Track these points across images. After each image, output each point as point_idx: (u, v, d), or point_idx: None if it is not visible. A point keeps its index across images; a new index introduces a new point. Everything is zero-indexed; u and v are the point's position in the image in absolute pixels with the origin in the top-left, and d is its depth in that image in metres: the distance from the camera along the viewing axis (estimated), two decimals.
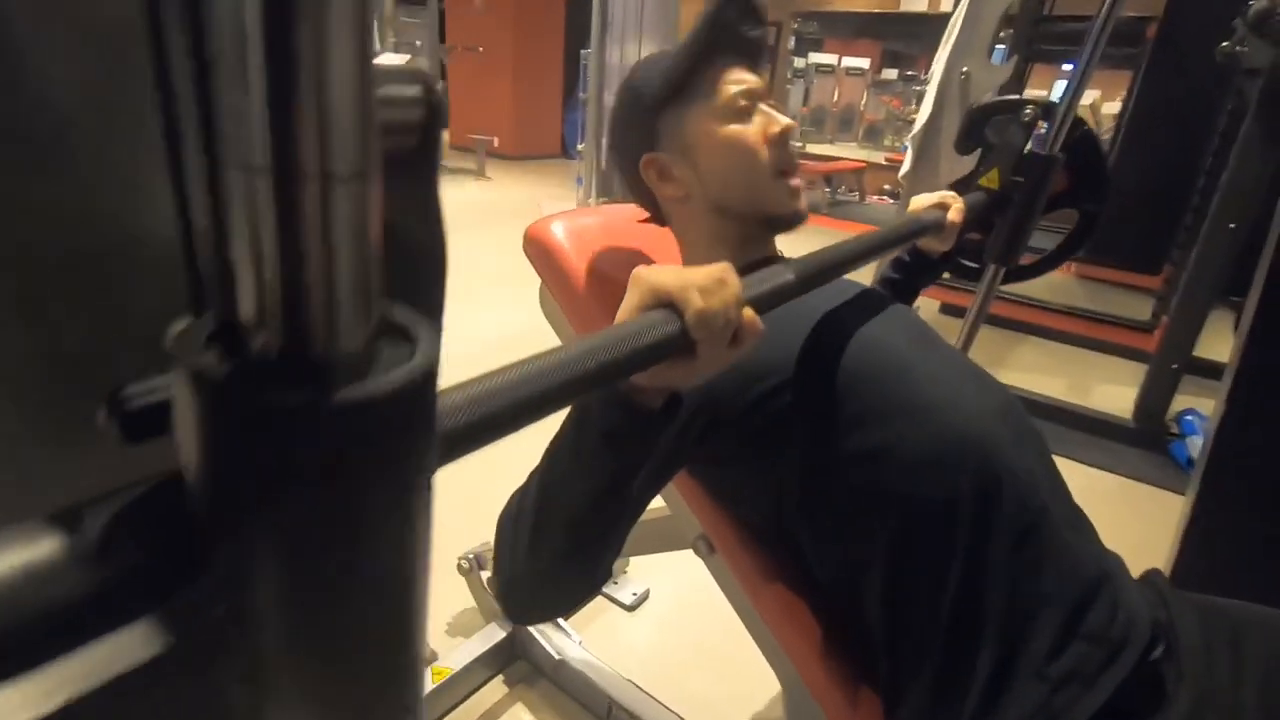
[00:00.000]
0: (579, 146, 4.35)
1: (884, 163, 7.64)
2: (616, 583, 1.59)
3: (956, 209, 0.90)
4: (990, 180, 1.02)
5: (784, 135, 0.75)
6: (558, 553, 0.58)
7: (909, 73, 9.36)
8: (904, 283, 1.02)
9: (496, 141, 8.07)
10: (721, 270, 0.48)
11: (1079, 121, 1.05)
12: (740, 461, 0.73)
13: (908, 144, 1.66)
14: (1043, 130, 1.03)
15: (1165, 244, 3.97)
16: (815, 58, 7.91)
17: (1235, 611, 0.74)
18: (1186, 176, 3.77)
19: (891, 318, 0.76)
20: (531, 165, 8.12)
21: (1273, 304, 1.18)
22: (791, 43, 8.84)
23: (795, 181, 0.77)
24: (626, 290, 0.49)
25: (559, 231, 0.91)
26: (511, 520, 0.59)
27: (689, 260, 0.84)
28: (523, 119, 8.37)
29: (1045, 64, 7.36)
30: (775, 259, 0.84)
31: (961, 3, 1.26)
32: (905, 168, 1.65)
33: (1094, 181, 1.09)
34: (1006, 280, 1.16)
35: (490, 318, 2.78)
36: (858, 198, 7.60)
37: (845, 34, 8.56)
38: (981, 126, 1.06)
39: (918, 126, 1.41)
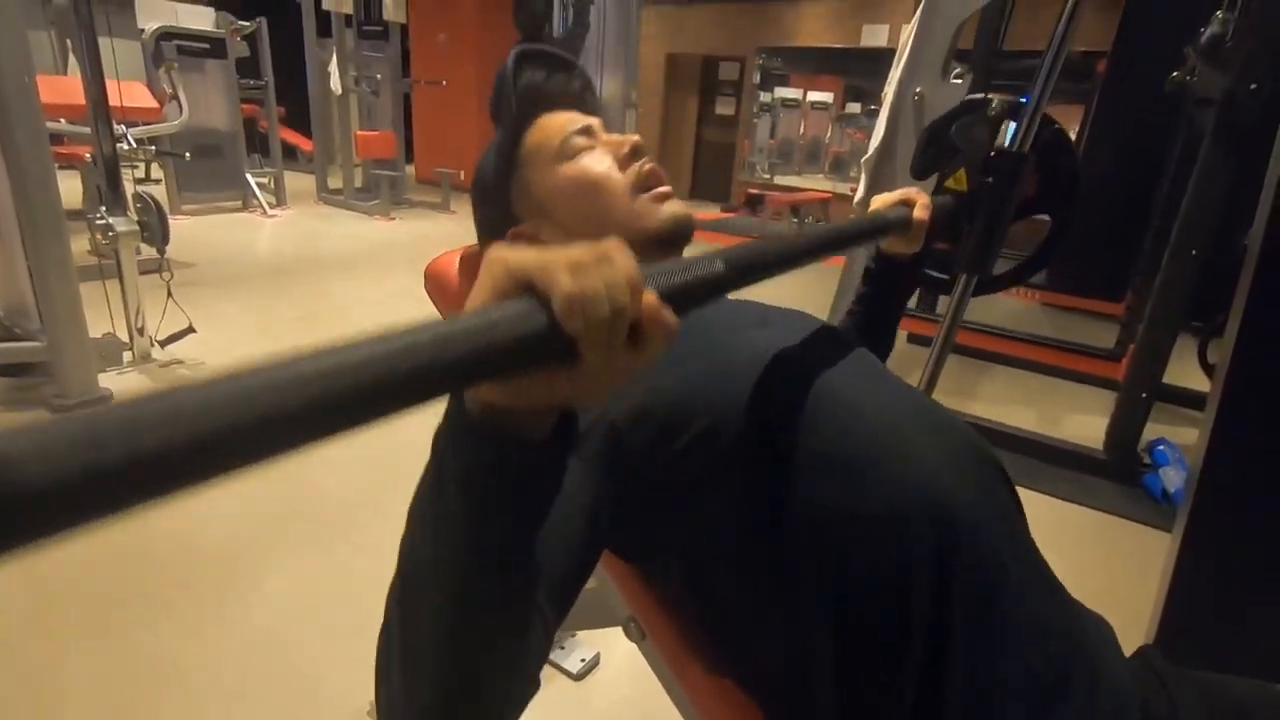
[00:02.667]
0: None
1: (849, 193, 7.68)
2: (563, 648, 1.45)
3: (923, 204, 0.83)
4: (958, 182, 0.95)
5: (632, 153, 0.71)
6: (453, 656, 0.40)
7: (872, 106, 9.55)
8: (876, 295, 0.93)
9: (462, 175, 8.00)
10: (605, 245, 0.35)
11: (1048, 119, 0.98)
12: (667, 520, 0.61)
13: (862, 167, 1.60)
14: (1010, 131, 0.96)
15: (1126, 271, 4.01)
16: (781, 92, 8.04)
17: (1240, 692, 0.65)
18: (1142, 205, 3.82)
19: (844, 357, 0.66)
20: None
21: (1252, 338, 1.12)
22: (757, 77, 8.99)
23: (663, 188, 0.71)
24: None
25: (462, 268, 0.80)
26: (384, 644, 0.43)
27: None
28: None
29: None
30: None
31: (913, 22, 1.20)
32: (860, 193, 1.58)
33: (1066, 184, 1.02)
34: (979, 291, 1.08)
35: None
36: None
37: (809, 69, 8.72)
38: (944, 135, 0.99)
39: (871, 150, 1.34)
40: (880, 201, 0.85)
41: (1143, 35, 4.40)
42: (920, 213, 0.82)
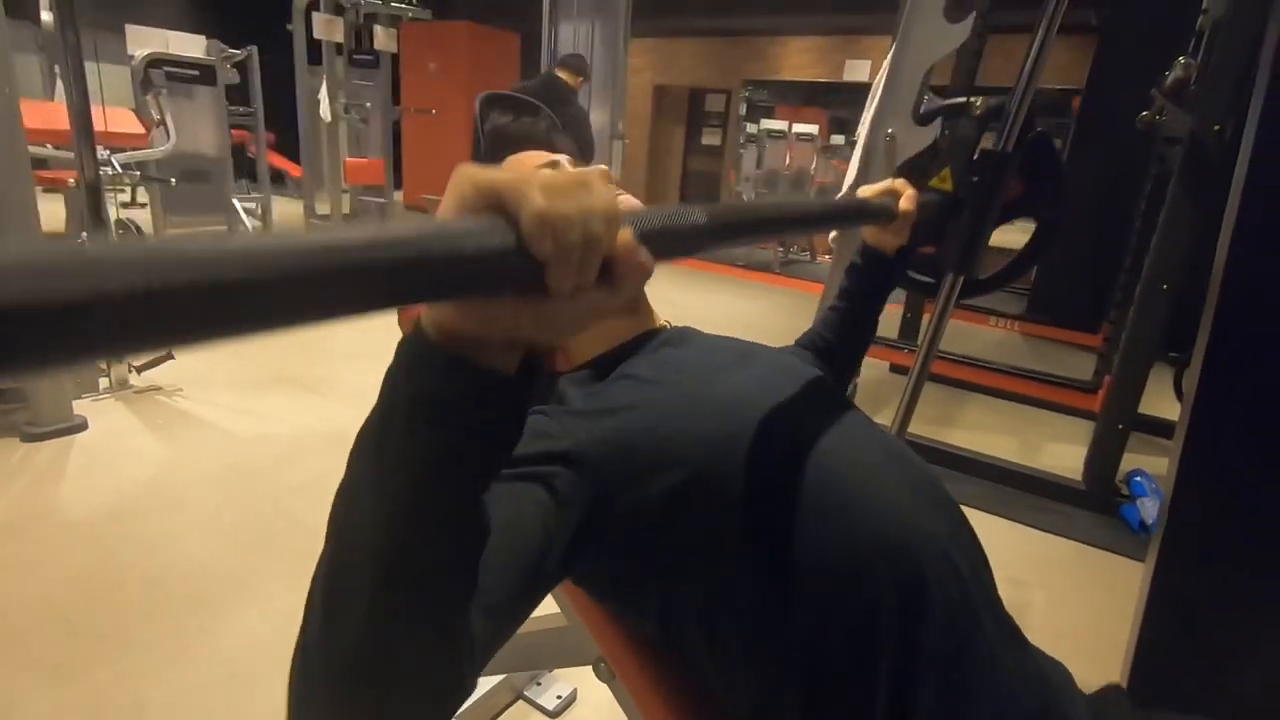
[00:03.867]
0: None
1: None
2: (540, 684, 1.43)
3: (909, 196, 0.83)
4: (943, 180, 0.95)
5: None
6: (374, 615, 0.37)
7: (854, 138, 9.72)
8: (861, 289, 0.93)
9: None
10: (585, 172, 0.34)
11: (1032, 122, 0.99)
12: (635, 556, 0.61)
13: None
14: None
15: (1102, 303, 4.07)
16: (767, 124, 8.19)
17: None
18: (1117, 237, 3.90)
19: (818, 401, 0.66)
20: None
21: (1216, 368, 1.14)
22: (743, 109, 9.14)
23: None
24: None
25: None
26: (316, 582, 0.41)
27: (565, 353, 0.75)
28: None
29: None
30: (657, 331, 0.75)
31: (884, 64, 1.24)
32: (833, 234, 1.60)
33: (1050, 186, 1.03)
34: (964, 294, 1.08)
35: None
36: (809, 257, 7.74)
37: (794, 101, 8.89)
38: (932, 120, 1.00)
39: (845, 189, 1.37)
40: (867, 191, 0.85)
41: (1115, 74, 4.55)
42: (906, 204, 0.82)
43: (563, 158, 0.75)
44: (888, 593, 0.54)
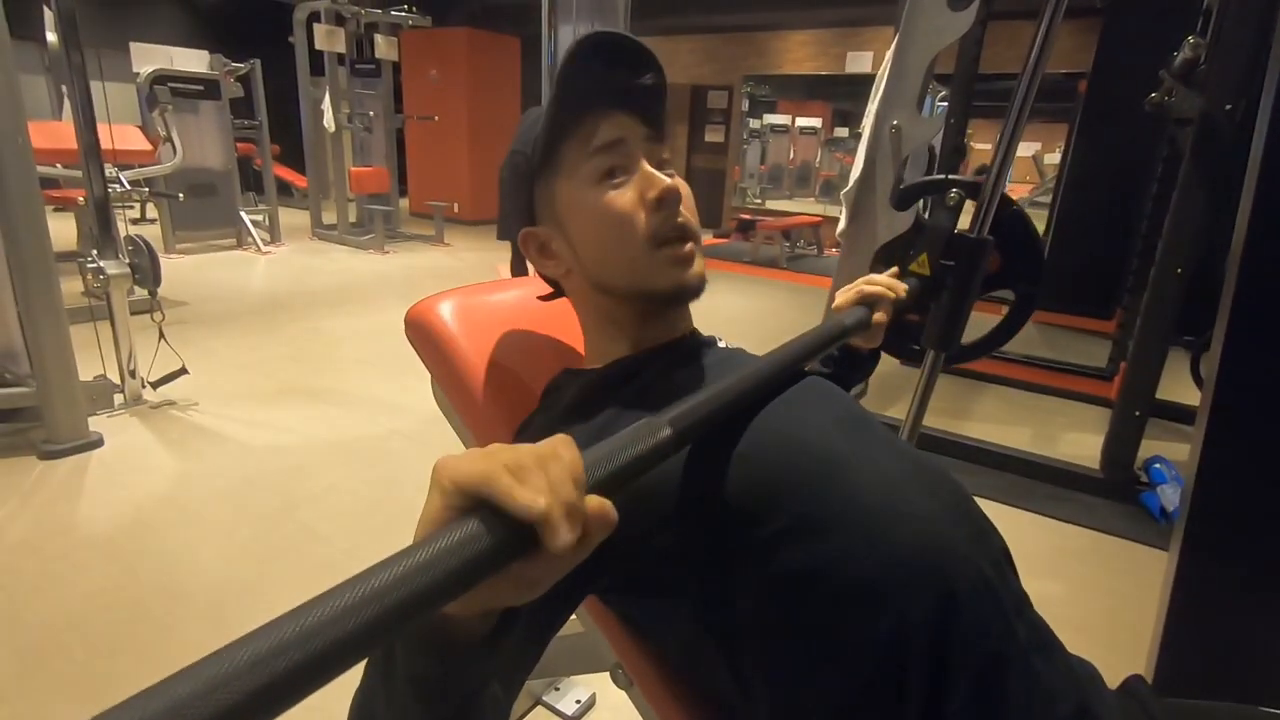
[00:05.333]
0: None
1: (839, 216, 7.78)
2: (558, 689, 1.43)
3: (882, 313, 0.83)
4: (920, 266, 0.98)
5: (663, 199, 0.63)
6: None
7: (859, 130, 9.67)
8: (839, 377, 0.92)
9: (456, 207, 8.07)
10: (552, 445, 0.36)
11: (1007, 201, 1.01)
12: (647, 588, 0.60)
13: (842, 200, 1.61)
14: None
15: (1114, 288, 4.02)
16: (770, 118, 8.16)
17: (1223, 718, 0.63)
18: (1128, 221, 3.86)
19: (824, 403, 0.65)
20: (490, 230, 8.11)
21: (1237, 351, 1.12)
22: (745, 105, 9.11)
23: (683, 249, 0.66)
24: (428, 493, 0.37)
25: (446, 313, 0.79)
26: None
27: (589, 344, 0.74)
28: (480, 185, 8.41)
29: (985, 119, 7.67)
30: (686, 340, 0.73)
31: (888, 56, 1.22)
32: (842, 225, 1.59)
33: (1027, 261, 1.06)
34: (948, 364, 1.11)
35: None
36: (815, 251, 7.70)
37: (797, 95, 8.86)
38: (912, 201, 1.02)
39: (851, 183, 1.36)
40: (842, 297, 0.85)
41: (1121, 56, 4.49)
42: (880, 317, 0.83)
43: (642, 135, 0.65)
44: (916, 606, 0.52)
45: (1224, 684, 1.25)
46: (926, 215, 1.04)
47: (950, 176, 1.02)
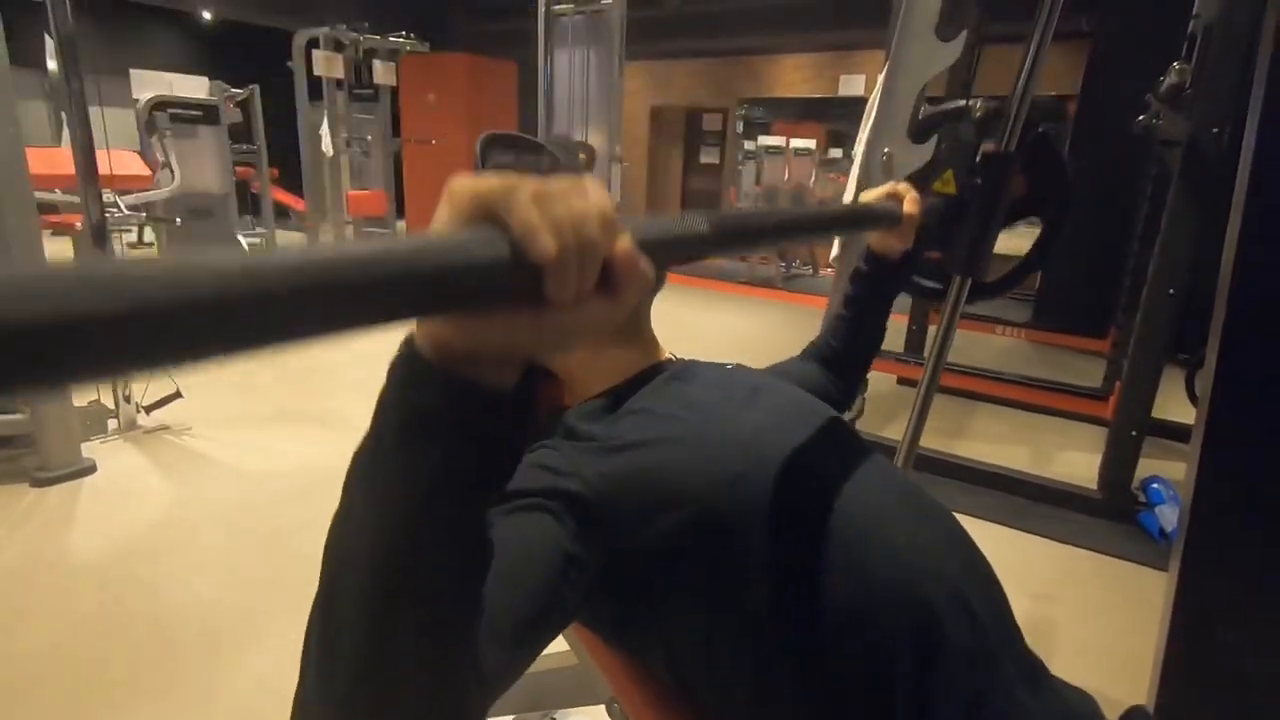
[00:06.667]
0: None
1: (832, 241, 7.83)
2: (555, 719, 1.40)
3: (912, 199, 0.82)
4: (945, 184, 0.94)
5: None
6: (371, 644, 0.35)
7: (853, 155, 9.77)
8: (867, 295, 0.92)
9: None
10: (579, 179, 0.33)
11: (1033, 122, 0.97)
12: (641, 605, 0.59)
13: None
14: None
15: (1109, 307, 4.04)
16: (764, 140, 8.25)
17: None
18: (1119, 241, 3.89)
19: (828, 439, 0.65)
20: None
21: (1230, 369, 1.12)
22: (740, 127, 9.21)
23: None
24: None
25: None
26: (311, 622, 0.39)
27: (571, 387, 0.75)
28: None
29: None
30: (663, 365, 0.74)
31: (878, 83, 1.24)
32: (835, 250, 1.61)
33: (1054, 185, 1.01)
34: (972, 298, 1.06)
35: None
36: (811, 271, 7.74)
37: (791, 117, 8.96)
38: (932, 132, 1.00)
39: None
40: (870, 196, 0.84)
41: (1109, 78, 4.56)
42: (910, 206, 0.81)
43: None
44: (900, 635, 0.52)
45: (1228, 709, 1.24)
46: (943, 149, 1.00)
47: (971, 98, 0.98)
